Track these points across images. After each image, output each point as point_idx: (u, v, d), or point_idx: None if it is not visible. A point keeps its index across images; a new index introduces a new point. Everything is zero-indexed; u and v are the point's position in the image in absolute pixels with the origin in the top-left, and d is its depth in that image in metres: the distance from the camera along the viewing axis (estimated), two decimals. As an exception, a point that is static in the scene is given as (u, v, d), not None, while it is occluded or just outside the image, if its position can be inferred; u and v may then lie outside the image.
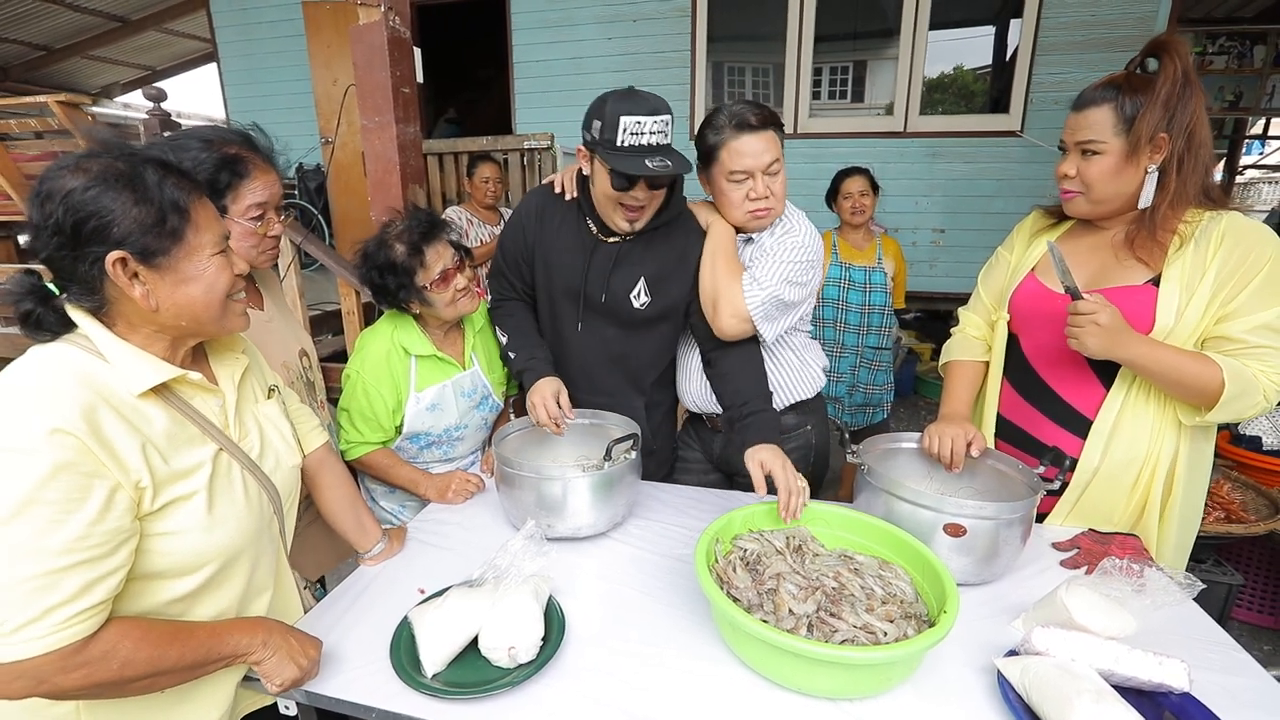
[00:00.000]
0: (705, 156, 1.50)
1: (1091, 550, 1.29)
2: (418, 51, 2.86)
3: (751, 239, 1.55)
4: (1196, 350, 1.22)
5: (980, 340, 1.55)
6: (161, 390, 0.87)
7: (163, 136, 1.86)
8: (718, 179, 1.49)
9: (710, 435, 1.77)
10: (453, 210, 3.63)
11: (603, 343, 1.60)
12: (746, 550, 1.19)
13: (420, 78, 2.91)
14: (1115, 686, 0.90)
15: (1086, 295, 1.21)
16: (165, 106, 3.27)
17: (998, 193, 4.55)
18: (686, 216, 1.57)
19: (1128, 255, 1.28)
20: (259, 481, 0.99)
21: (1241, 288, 1.17)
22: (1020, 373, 1.45)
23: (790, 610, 1.03)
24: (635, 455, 1.40)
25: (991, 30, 4.86)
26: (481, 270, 3.21)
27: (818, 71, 4.78)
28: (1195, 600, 1.12)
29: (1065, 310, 1.23)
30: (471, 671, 1.00)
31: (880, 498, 1.27)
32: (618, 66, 5.04)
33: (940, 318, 5.10)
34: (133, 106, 9.56)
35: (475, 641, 1.03)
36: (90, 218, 0.77)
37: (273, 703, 1.03)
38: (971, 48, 4.84)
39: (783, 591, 1.06)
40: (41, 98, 3.11)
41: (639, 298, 1.53)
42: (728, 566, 1.14)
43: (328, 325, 3.69)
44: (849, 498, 1.43)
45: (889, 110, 4.68)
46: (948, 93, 4.93)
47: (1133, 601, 1.01)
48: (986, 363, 1.52)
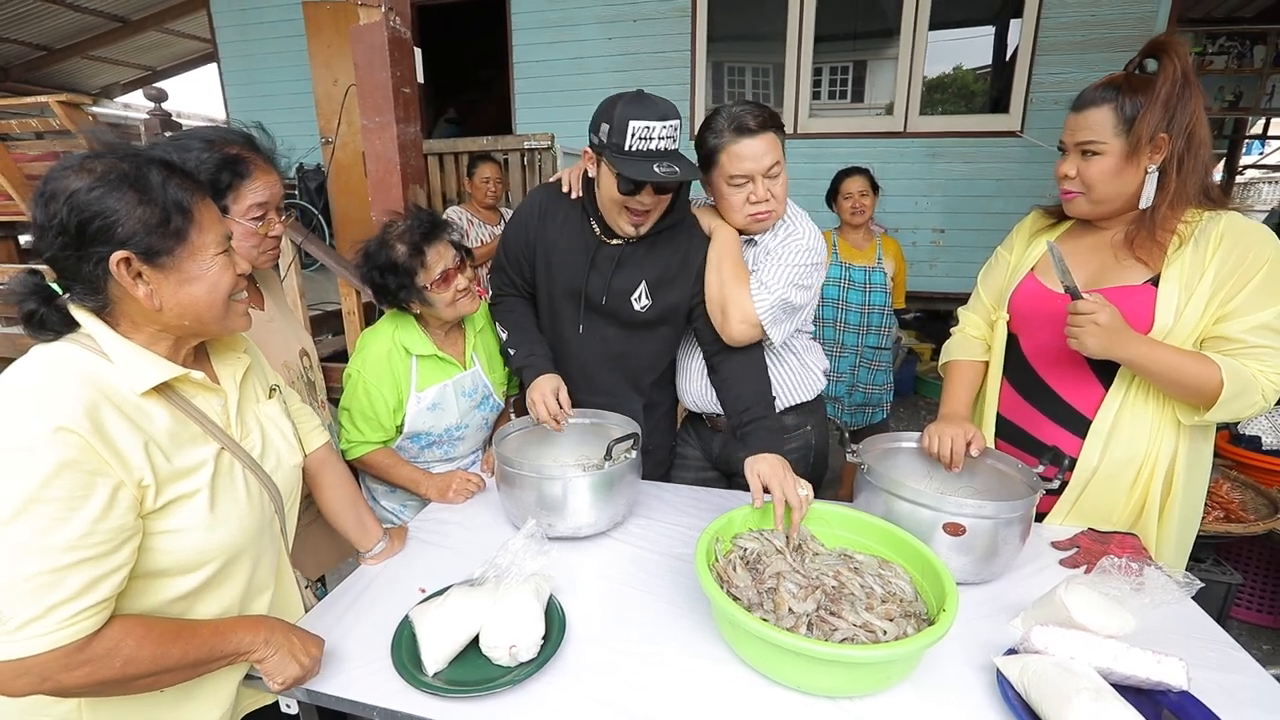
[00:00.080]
0: (705, 160, 1.49)
1: (1091, 549, 1.29)
2: (418, 51, 2.86)
3: (754, 240, 1.55)
4: (1195, 350, 1.22)
5: (980, 340, 1.55)
6: (164, 389, 0.87)
7: (164, 137, 1.87)
8: (718, 182, 1.48)
9: (710, 434, 1.77)
10: (453, 210, 3.63)
11: (602, 343, 1.60)
12: (747, 549, 1.19)
13: (421, 78, 2.91)
14: (1114, 685, 0.90)
15: (1086, 295, 1.21)
16: (166, 107, 3.28)
17: (997, 193, 4.55)
18: (690, 221, 1.56)
19: (1127, 255, 1.28)
20: (260, 480, 0.99)
21: (1240, 288, 1.17)
22: (1020, 372, 1.45)
23: (790, 609, 1.03)
24: (635, 455, 1.41)
25: (991, 30, 4.86)
26: (482, 270, 3.22)
27: (818, 71, 4.79)
28: (1194, 599, 1.12)
29: (1065, 310, 1.23)
30: (472, 670, 1.00)
31: (880, 497, 1.27)
32: (618, 66, 5.04)
33: (940, 318, 5.11)
34: (133, 106, 9.56)
35: (476, 640, 1.03)
36: (95, 218, 0.78)
37: (274, 701, 1.04)
38: (971, 48, 4.85)
39: (783, 590, 1.06)
40: (43, 98, 3.11)
41: (640, 300, 1.53)
42: (728, 565, 1.15)
43: (328, 325, 3.69)
44: (849, 497, 1.43)
45: (889, 110, 4.69)
46: (948, 93, 4.93)
47: (1131, 600, 1.01)
48: (986, 362, 1.53)
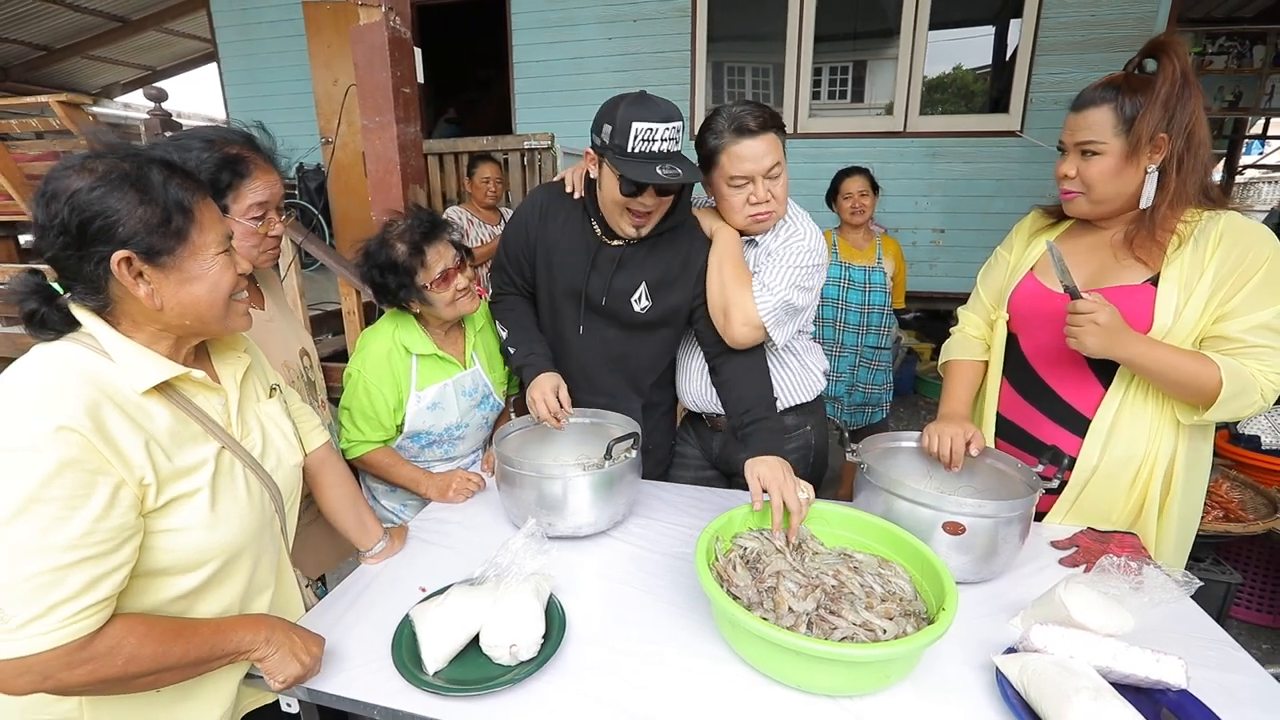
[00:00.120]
0: (705, 160, 1.48)
1: (1090, 549, 1.29)
2: (418, 51, 2.86)
3: (754, 241, 1.54)
4: (1195, 350, 1.22)
5: (979, 340, 1.55)
6: (165, 388, 0.87)
7: (164, 136, 1.87)
8: (718, 183, 1.48)
9: (709, 434, 1.77)
10: (453, 210, 3.63)
11: (602, 343, 1.60)
12: (746, 549, 1.20)
13: (421, 78, 2.91)
14: (1113, 684, 0.90)
15: (1085, 294, 1.21)
16: (166, 107, 3.28)
17: (997, 193, 4.55)
18: (691, 223, 1.56)
19: (1126, 255, 1.28)
20: (261, 480, 0.99)
21: (1239, 287, 1.17)
22: (1019, 372, 1.45)
23: (790, 608, 1.03)
24: (635, 454, 1.41)
25: (991, 30, 4.86)
26: (482, 270, 3.22)
27: (817, 71, 4.79)
28: (1194, 599, 1.12)
29: (1064, 310, 1.24)
30: (473, 669, 1.00)
31: (880, 496, 1.27)
32: (618, 66, 5.04)
33: (940, 317, 5.11)
34: (133, 106, 9.55)
35: (476, 639, 1.03)
36: (96, 218, 0.78)
37: (274, 700, 1.04)
38: (971, 48, 4.85)
39: (782, 589, 1.07)
40: (43, 98, 3.11)
41: (639, 302, 1.53)
42: (728, 565, 1.15)
43: (328, 325, 3.69)
44: (849, 496, 1.43)
45: (889, 110, 4.69)
46: (948, 93, 4.93)
47: (1131, 599, 1.01)
48: (985, 362, 1.53)
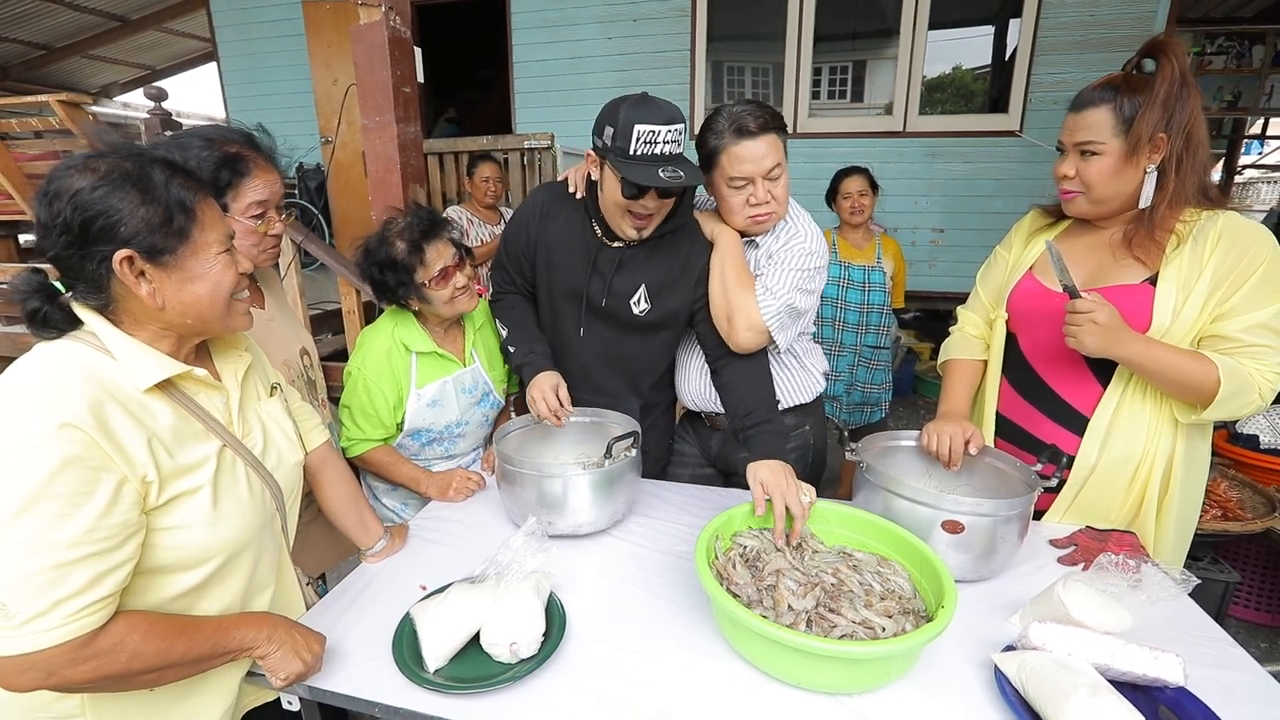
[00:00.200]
0: (705, 161, 1.47)
1: (1089, 547, 1.30)
2: (418, 51, 2.86)
3: (755, 242, 1.53)
4: (1193, 349, 1.22)
5: (978, 339, 1.56)
6: (166, 386, 0.87)
7: (165, 136, 1.87)
8: (718, 184, 1.47)
9: (708, 433, 1.77)
10: (453, 210, 3.64)
11: (602, 344, 1.60)
12: (746, 547, 1.20)
13: (421, 77, 2.91)
14: (1111, 681, 0.91)
15: (1084, 294, 1.21)
16: (166, 106, 3.27)
17: (997, 192, 4.56)
18: (692, 225, 1.55)
19: (1125, 254, 1.28)
20: (262, 478, 1.00)
21: (1238, 287, 1.18)
22: (1018, 371, 1.45)
23: (789, 606, 1.04)
24: (635, 453, 1.41)
25: (990, 30, 4.86)
26: (482, 270, 3.22)
27: (817, 71, 4.79)
28: (1192, 597, 1.13)
29: (1063, 309, 1.24)
30: (473, 667, 1.01)
31: (879, 495, 1.28)
32: (617, 66, 5.04)
33: (939, 317, 5.11)
34: (132, 106, 9.57)
35: (477, 637, 1.04)
36: (98, 217, 0.78)
37: (276, 698, 1.04)
38: (970, 48, 4.85)
39: (782, 587, 1.07)
40: (43, 97, 3.11)
41: (639, 304, 1.53)
42: (728, 563, 1.15)
43: (328, 324, 3.69)
44: (848, 496, 1.44)
45: (888, 110, 4.69)
46: (947, 93, 4.93)
47: (1129, 597, 1.02)
48: (984, 361, 1.53)
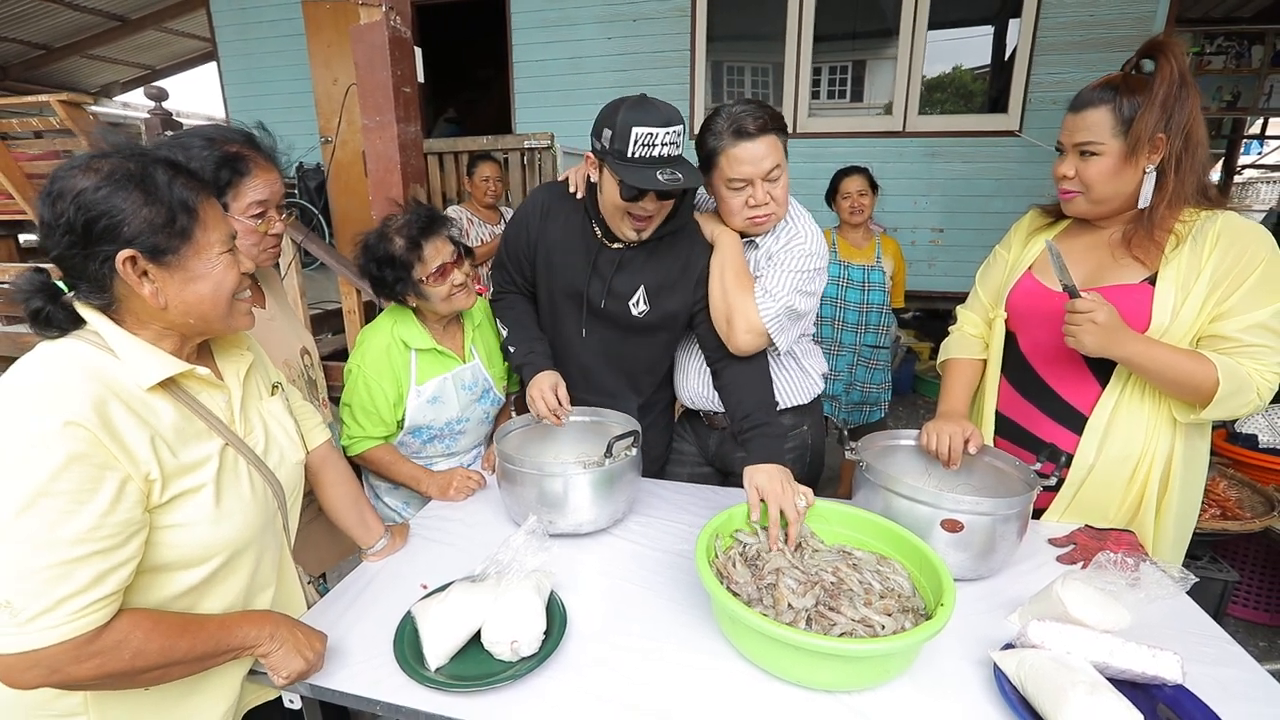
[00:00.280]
0: (705, 161, 1.47)
1: (1087, 546, 1.30)
2: (418, 51, 2.87)
3: (754, 243, 1.53)
4: (1192, 349, 1.23)
5: (978, 338, 1.56)
6: (169, 385, 0.88)
7: (165, 135, 1.87)
8: (717, 185, 1.46)
9: (706, 431, 1.78)
10: (453, 210, 3.64)
11: (603, 345, 1.61)
12: (746, 546, 1.20)
13: (421, 77, 2.91)
14: (1110, 679, 0.91)
15: (1084, 294, 1.22)
16: (166, 106, 3.27)
17: (996, 192, 4.56)
18: (692, 227, 1.55)
19: (1124, 254, 1.29)
20: (264, 476, 1.00)
21: (1236, 287, 1.18)
22: (1018, 370, 1.46)
23: (789, 604, 1.04)
24: (636, 452, 1.41)
25: (990, 30, 4.87)
26: (482, 270, 3.22)
27: (817, 71, 4.79)
28: (1192, 596, 1.13)
29: (1062, 308, 1.24)
30: (474, 665, 1.01)
31: (879, 494, 1.28)
32: (617, 66, 5.05)
33: (939, 317, 5.12)
34: (132, 106, 9.57)
35: (478, 636, 1.04)
36: (101, 217, 0.78)
37: (277, 696, 1.04)
38: (970, 48, 4.85)
39: (782, 586, 1.07)
40: (44, 97, 3.11)
41: (638, 305, 1.53)
42: (728, 562, 1.16)
43: (328, 324, 3.69)
44: (847, 495, 1.44)
45: (888, 110, 4.69)
46: (946, 92, 4.94)
47: (1127, 595, 1.02)
48: (984, 360, 1.53)
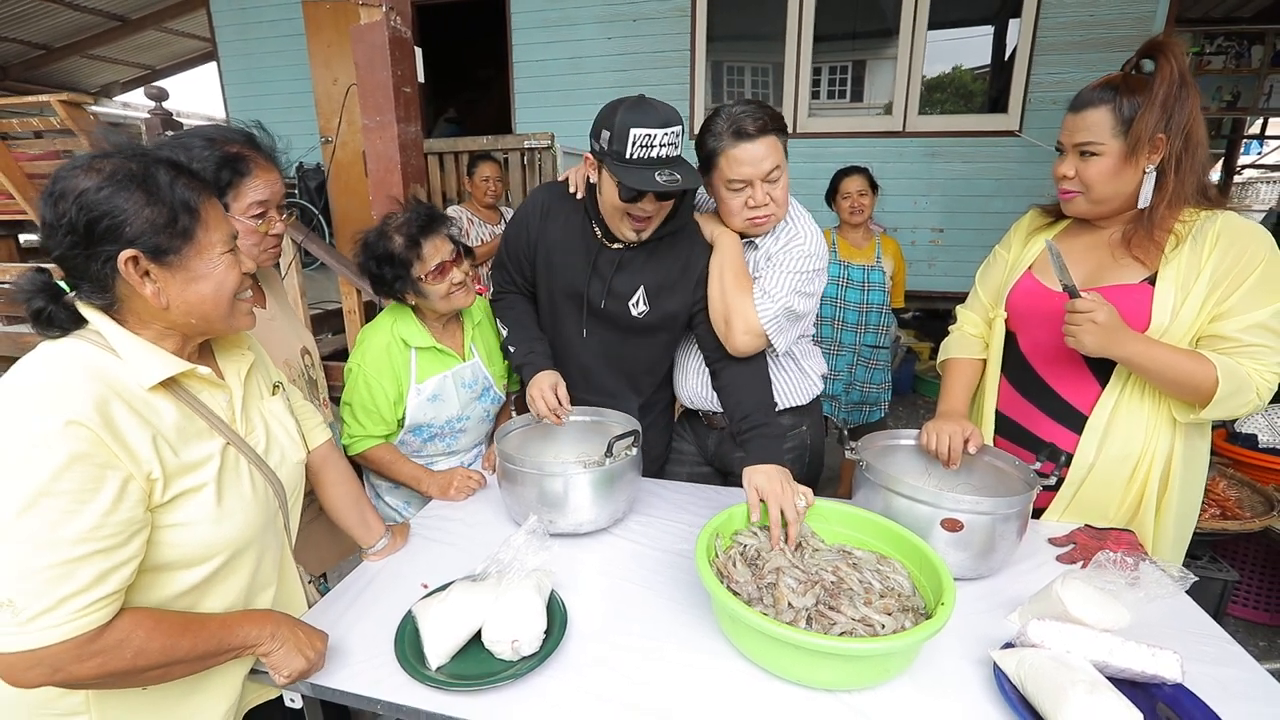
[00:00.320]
0: (704, 162, 1.47)
1: (1087, 545, 1.30)
2: (418, 51, 2.87)
3: (754, 244, 1.53)
4: (1191, 349, 1.23)
5: (978, 338, 1.56)
6: (171, 384, 0.88)
7: (166, 135, 1.87)
8: (717, 185, 1.46)
9: (705, 431, 1.78)
10: (453, 209, 3.64)
11: (603, 345, 1.61)
12: (746, 545, 1.21)
13: (421, 77, 2.92)
14: (1109, 678, 0.91)
15: (1084, 293, 1.22)
16: (166, 106, 3.28)
17: (996, 192, 4.56)
18: (692, 228, 1.55)
19: (1124, 254, 1.29)
20: (265, 476, 1.00)
21: (1236, 287, 1.18)
22: (1018, 370, 1.46)
23: (789, 603, 1.04)
24: (636, 452, 1.42)
25: (990, 30, 4.87)
26: (482, 270, 3.22)
27: (817, 71, 4.79)
28: (1191, 596, 1.14)
29: (1062, 308, 1.24)
30: (475, 664, 1.01)
31: (879, 493, 1.28)
32: (617, 66, 5.05)
33: (939, 317, 5.12)
34: (132, 106, 9.57)
35: (478, 635, 1.04)
36: (103, 217, 0.79)
37: (278, 696, 1.05)
38: (970, 48, 4.85)
39: (782, 585, 1.08)
40: (44, 97, 3.11)
41: (637, 306, 1.53)
42: (728, 561, 1.16)
43: (329, 324, 3.70)
44: (847, 494, 1.44)
45: (888, 110, 4.69)
46: (946, 92, 4.94)
47: (1127, 594, 1.02)
48: (983, 360, 1.54)
